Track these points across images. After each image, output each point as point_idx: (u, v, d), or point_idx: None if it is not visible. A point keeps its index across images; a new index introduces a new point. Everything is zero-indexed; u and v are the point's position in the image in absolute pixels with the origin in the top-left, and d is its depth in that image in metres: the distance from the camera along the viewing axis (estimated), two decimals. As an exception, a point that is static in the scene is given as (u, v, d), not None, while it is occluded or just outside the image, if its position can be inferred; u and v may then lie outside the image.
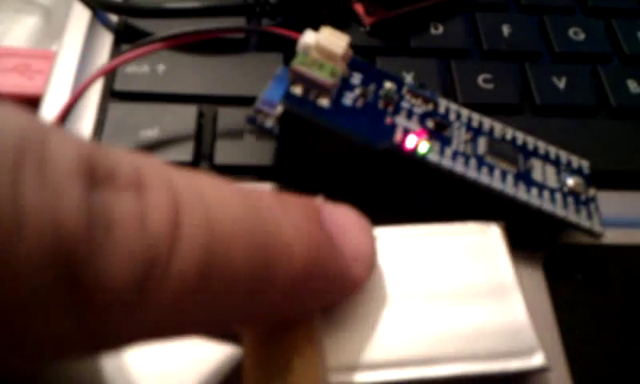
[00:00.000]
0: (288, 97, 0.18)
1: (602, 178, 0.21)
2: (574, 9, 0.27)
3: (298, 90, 0.18)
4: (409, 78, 0.23)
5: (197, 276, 0.11)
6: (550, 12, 0.26)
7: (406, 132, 0.19)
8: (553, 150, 0.20)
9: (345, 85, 0.19)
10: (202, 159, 0.21)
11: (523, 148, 0.20)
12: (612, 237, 0.20)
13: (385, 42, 0.25)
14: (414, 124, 0.19)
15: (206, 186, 0.12)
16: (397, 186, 0.20)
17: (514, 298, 0.16)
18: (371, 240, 0.15)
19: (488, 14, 0.26)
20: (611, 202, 0.21)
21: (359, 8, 0.25)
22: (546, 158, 0.20)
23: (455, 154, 0.18)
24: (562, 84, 0.24)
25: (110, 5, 0.24)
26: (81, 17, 0.24)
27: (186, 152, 0.20)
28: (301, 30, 0.19)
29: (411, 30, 0.25)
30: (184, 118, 0.21)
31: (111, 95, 0.22)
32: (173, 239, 0.10)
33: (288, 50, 0.23)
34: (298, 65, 0.18)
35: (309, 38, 0.19)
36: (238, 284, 0.12)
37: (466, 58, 0.25)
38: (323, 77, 0.18)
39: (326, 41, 0.18)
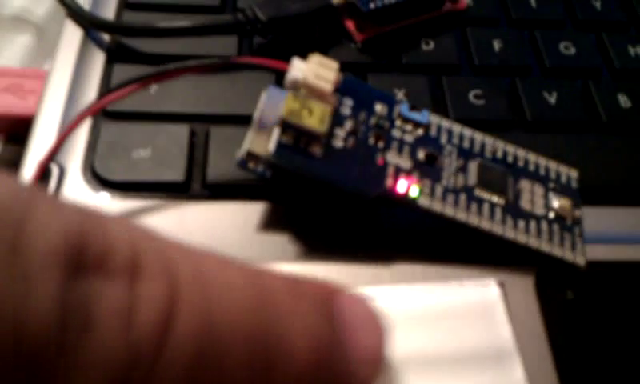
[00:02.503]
0: (278, 148, 0.18)
1: (593, 194, 0.21)
2: (565, 23, 0.27)
3: (288, 139, 0.18)
4: (400, 95, 0.23)
5: (185, 379, 0.10)
6: (540, 26, 0.27)
7: (398, 173, 0.19)
8: (543, 163, 0.21)
9: (335, 118, 0.19)
10: (194, 178, 0.21)
11: (514, 165, 0.20)
12: (603, 253, 0.20)
13: (376, 58, 0.25)
14: (405, 159, 0.19)
15: (212, 272, 0.11)
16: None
17: (514, 364, 0.16)
18: (382, 341, 0.14)
19: (479, 29, 0.26)
20: (603, 218, 0.21)
21: (350, 25, 0.25)
22: (535, 174, 0.20)
23: (445, 192, 0.19)
24: (552, 99, 0.24)
25: (102, 24, 0.24)
26: (73, 35, 0.24)
27: (178, 171, 0.20)
28: (290, 51, 0.19)
29: (402, 46, 0.25)
30: (176, 137, 0.21)
31: (103, 115, 0.22)
32: (162, 340, 0.10)
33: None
34: (286, 115, 0.17)
35: (297, 71, 0.19)
36: (229, 380, 0.11)
37: (457, 74, 0.25)
38: (313, 126, 0.18)
39: (314, 77, 0.18)
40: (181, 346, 0.10)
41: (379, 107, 0.20)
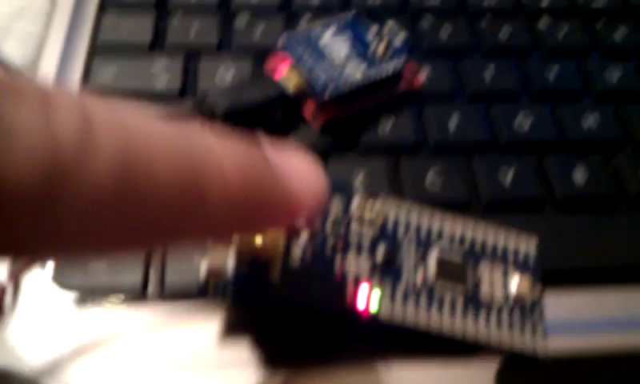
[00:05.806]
0: (236, 282, 0.18)
1: (551, 276, 0.21)
2: (519, 95, 0.28)
3: (244, 269, 0.18)
4: (360, 177, 0.23)
5: (114, 185, 0.10)
6: (496, 100, 0.27)
7: (357, 282, 0.19)
8: (501, 239, 0.21)
9: (290, 233, 0.19)
10: (150, 282, 0.21)
11: (472, 248, 0.20)
12: (562, 344, 0.20)
13: (336, 141, 0.25)
14: (363, 262, 0.19)
15: (127, 113, 0.11)
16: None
17: None
18: (318, 168, 0.14)
19: (435, 106, 0.26)
20: (562, 303, 0.21)
21: (308, 110, 0.25)
22: (493, 254, 0.20)
23: (406, 296, 0.19)
24: (508, 178, 0.24)
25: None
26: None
27: (135, 277, 0.20)
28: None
29: (361, 127, 0.25)
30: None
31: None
32: (83, 142, 0.10)
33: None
34: (239, 245, 0.18)
35: None
36: (164, 200, 0.11)
37: (415, 153, 0.25)
38: (267, 252, 0.18)
39: None
40: (104, 147, 0.10)
41: (334, 206, 0.20)
